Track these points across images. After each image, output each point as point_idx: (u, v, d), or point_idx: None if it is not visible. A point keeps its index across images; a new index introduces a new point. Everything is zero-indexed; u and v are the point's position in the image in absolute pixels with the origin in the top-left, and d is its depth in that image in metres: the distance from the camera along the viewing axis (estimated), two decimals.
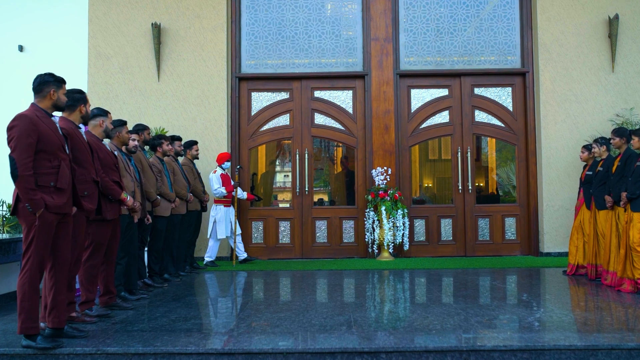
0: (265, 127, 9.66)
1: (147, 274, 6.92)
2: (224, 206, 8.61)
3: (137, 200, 5.84)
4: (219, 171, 8.65)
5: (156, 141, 7.07)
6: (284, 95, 9.68)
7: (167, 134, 8.37)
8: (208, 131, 9.33)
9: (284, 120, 9.67)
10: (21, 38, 9.85)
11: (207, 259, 8.64)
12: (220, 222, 8.57)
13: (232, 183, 8.62)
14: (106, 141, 5.83)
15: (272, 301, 5.74)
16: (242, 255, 8.82)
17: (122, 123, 5.81)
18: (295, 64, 9.67)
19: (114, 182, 5.11)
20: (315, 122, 9.68)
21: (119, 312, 5.25)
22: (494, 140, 9.90)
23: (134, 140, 6.20)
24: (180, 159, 8.08)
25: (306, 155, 9.54)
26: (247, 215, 9.56)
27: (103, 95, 9.34)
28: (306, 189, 9.50)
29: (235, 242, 8.62)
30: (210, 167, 9.25)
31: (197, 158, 8.35)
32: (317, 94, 9.72)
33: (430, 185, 10.40)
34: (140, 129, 6.68)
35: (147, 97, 9.37)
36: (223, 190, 8.56)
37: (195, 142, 8.32)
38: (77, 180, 4.30)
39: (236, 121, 9.55)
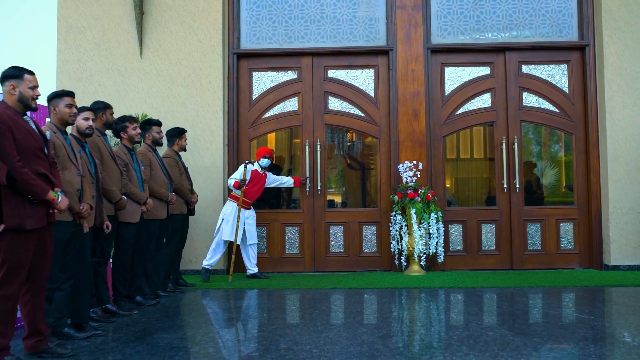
0: (268, 114, 8.02)
1: (113, 298, 5.35)
2: (238, 206, 7.03)
3: (85, 202, 4.24)
4: (254, 167, 7.19)
5: (119, 125, 5.47)
6: (291, 75, 8.03)
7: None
8: (200, 118, 7.73)
9: (291, 104, 8.01)
10: None
11: (204, 264, 7.07)
12: (228, 221, 7.01)
13: (239, 180, 7.05)
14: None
15: (272, 343, 4.11)
16: (252, 269, 7.22)
17: (63, 94, 4.21)
18: (305, 38, 8.04)
19: (38, 175, 3.51)
20: (329, 108, 8.04)
21: None
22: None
23: (87, 119, 4.61)
24: (162, 151, 6.51)
25: (318, 146, 7.90)
26: None
27: (75, 76, 7.77)
28: (318, 188, 7.86)
29: (233, 251, 7.03)
30: (202, 161, 7.66)
31: (185, 150, 6.76)
32: (332, 73, 8.07)
33: (448, 185, 8.65)
34: (99, 107, 5.09)
35: (128, 78, 7.79)
36: (231, 182, 7.05)
37: (184, 131, 6.72)
38: None
39: (234, 106, 7.94)
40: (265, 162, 7.24)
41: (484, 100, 8.02)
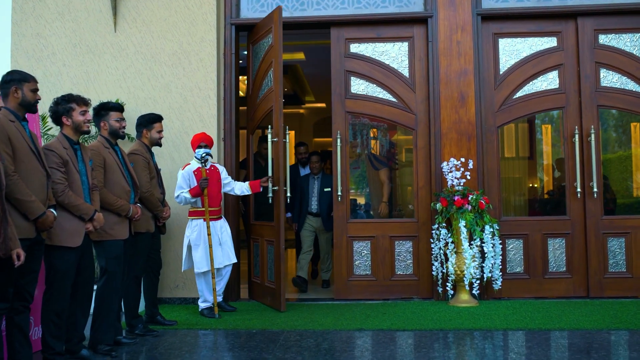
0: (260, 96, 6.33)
1: (43, 357, 3.74)
2: (204, 220, 5.34)
3: None
4: (191, 166, 5.40)
5: (61, 106, 3.86)
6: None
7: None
8: (189, 105, 6.13)
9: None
10: None
11: (201, 305, 5.41)
12: (197, 246, 5.33)
13: (199, 182, 5.33)
14: None
15: None
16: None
17: None
18: (321, 4, 6.38)
19: None
20: (352, 91, 6.37)
21: None
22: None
23: None
24: (126, 145, 4.91)
25: (338, 140, 6.23)
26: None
27: (34, 54, 6.22)
28: (339, 194, 6.19)
29: (213, 275, 5.35)
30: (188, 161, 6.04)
31: (160, 144, 5.12)
32: (355, 47, 6.38)
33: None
34: (13, 78, 3.48)
35: (99, 56, 6.21)
36: (185, 194, 5.32)
37: (157, 118, 5.07)
38: None
39: (231, 91, 6.30)
40: (201, 152, 5.33)
41: (549, 81, 6.27)
